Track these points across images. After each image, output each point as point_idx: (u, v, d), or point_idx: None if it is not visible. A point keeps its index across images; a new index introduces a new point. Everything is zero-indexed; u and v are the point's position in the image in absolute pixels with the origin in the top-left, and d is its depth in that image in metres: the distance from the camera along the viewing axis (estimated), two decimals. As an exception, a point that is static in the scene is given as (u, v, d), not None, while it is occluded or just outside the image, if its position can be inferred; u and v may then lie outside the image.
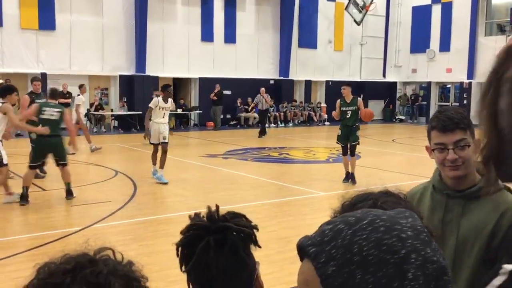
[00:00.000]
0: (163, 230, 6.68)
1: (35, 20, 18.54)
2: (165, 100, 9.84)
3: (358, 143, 10.03)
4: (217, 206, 1.33)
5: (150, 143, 9.85)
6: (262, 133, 18.36)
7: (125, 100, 20.43)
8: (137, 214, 7.49)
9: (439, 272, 0.66)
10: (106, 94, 20.87)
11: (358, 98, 10.14)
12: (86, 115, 19.64)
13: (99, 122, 19.76)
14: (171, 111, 10.60)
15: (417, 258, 0.65)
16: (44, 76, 18.82)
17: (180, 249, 1.29)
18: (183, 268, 1.29)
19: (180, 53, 21.67)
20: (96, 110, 19.52)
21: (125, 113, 20.20)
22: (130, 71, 20.72)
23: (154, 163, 9.72)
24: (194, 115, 22.25)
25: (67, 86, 17.81)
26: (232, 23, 22.90)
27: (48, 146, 7.91)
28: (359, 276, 0.64)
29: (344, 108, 10.02)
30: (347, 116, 9.95)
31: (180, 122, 21.49)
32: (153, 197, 8.75)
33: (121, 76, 20.60)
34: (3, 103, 7.53)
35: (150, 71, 20.83)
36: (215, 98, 20.55)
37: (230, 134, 17.53)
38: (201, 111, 21.74)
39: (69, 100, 18.00)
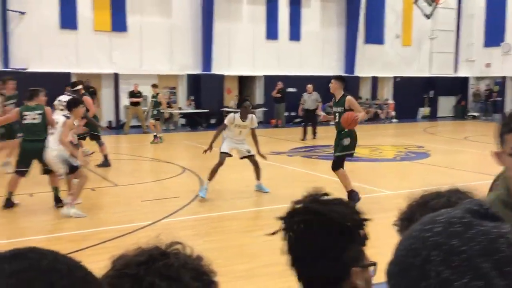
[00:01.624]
0: (228, 227, 6.78)
1: (108, 22, 19.35)
2: (243, 117, 8.47)
3: (344, 155, 7.73)
4: (320, 190, 1.31)
5: (220, 152, 8.53)
6: (311, 134, 16.74)
7: (193, 98, 20.91)
8: (203, 210, 7.64)
9: None
10: (174, 93, 21.44)
11: (348, 96, 7.80)
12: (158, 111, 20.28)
13: (167, 120, 20.33)
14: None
15: None
16: (116, 76, 19.63)
17: (288, 233, 1.28)
18: (289, 253, 1.28)
19: (245, 51, 21.87)
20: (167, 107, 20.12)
21: (192, 111, 20.67)
22: (197, 70, 21.16)
23: (210, 178, 8.37)
24: (259, 113, 22.40)
25: (138, 86, 18.46)
26: (297, 21, 22.82)
27: (32, 152, 7.56)
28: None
29: (334, 109, 8.08)
30: (336, 120, 7.88)
31: (245, 120, 21.71)
32: (218, 194, 8.88)
33: (188, 75, 21.10)
34: (68, 117, 7.44)
35: (216, 69, 21.17)
36: (278, 95, 20.56)
37: (296, 132, 17.47)
38: (266, 109, 21.83)
39: (140, 99, 18.66)
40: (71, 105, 7.64)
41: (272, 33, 22.34)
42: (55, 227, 6.70)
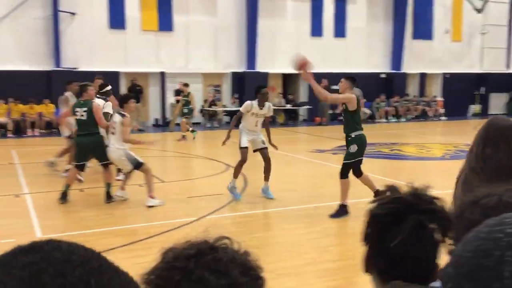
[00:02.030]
0: (272, 224, 6.80)
1: (155, 22, 19.73)
2: (261, 105, 8.09)
3: (351, 163, 6.96)
4: (426, 186, 1.29)
5: (240, 148, 8.11)
6: None
7: (237, 96, 21.05)
8: (247, 207, 7.69)
9: None
10: (218, 91, 21.65)
11: (354, 95, 7.02)
12: (201, 110, 20.55)
13: (212, 118, 20.55)
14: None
15: None
16: (162, 74, 20.00)
17: (373, 220, 1.26)
18: (369, 242, 1.26)
19: (289, 48, 21.79)
20: (209, 106, 20.33)
21: (236, 108, 20.78)
22: (241, 68, 21.28)
23: (236, 176, 8.04)
24: (303, 111, 22.31)
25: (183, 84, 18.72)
26: (342, 17, 22.57)
27: (86, 146, 7.81)
28: None
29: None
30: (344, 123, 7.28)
31: (289, 117, 21.67)
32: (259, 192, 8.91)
33: (233, 73, 21.25)
34: (123, 115, 7.62)
35: (260, 67, 21.23)
36: (323, 93, 20.37)
37: (340, 130, 17.32)
38: (311, 107, 21.72)
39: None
40: (122, 101, 7.86)
41: (316, 29, 22.19)
42: (105, 222, 6.90)
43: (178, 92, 18.70)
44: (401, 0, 23.16)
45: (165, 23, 19.85)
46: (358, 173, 7.06)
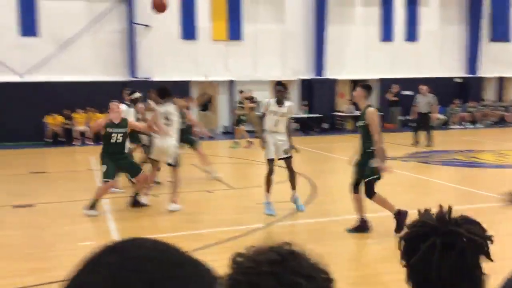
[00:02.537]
0: (339, 232, 6.70)
1: (224, 31, 20.14)
2: (279, 103, 7.55)
3: (375, 180, 6.40)
4: (450, 208, 1.29)
5: (268, 160, 7.71)
6: (425, 140, 15.45)
7: (305, 103, 21.01)
8: (315, 215, 7.63)
9: None
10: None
11: (370, 108, 6.39)
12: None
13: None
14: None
15: None
16: (232, 83, 20.35)
17: (402, 242, 1.30)
18: (403, 262, 1.30)
19: (358, 54, 21.52)
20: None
21: (305, 115, 20.77)
22: (310, 74, 21.23)
23: (267, 190, 7.60)
24: (373, 117, 21.89)
25: (252, 92, 18.95)
26: (413, 20, 21.97)
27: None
28: None
29: (357, 123, 6.83)
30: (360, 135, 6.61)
31: (358, 124, 21.34)
32: (332, 199, 8.82)
33: (301, 80, 21.25)
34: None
35: (329, 74, 21.08)
36: (394, 99, 19.88)
37: (411, 136, 16.78)
38: (382, 113, 21.23)
39: (254, 105, 19.13)
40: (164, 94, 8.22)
41: (386, 34, 21.73)
42: (177, 226, 7.09)
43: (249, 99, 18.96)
44: (476, 2, 22.22)
45: (235, 33, 20.21)
46: (372, 193, 6.43)
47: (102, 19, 18.72)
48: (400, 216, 6.33)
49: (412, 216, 1.36)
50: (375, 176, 6.34)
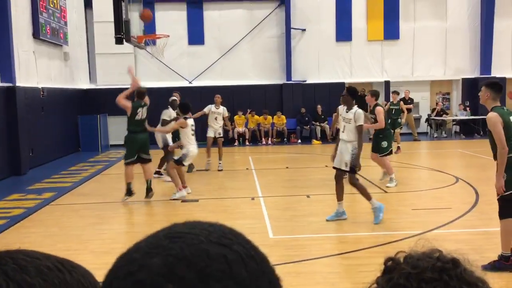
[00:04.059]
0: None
1: (380, 31, 19.72)
2: (348, 108, 7.27)
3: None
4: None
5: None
6: None
7: (468, 104, 19.63)
8: (478, 224, 7.14)
9: None
10: (447, 99, 20.50)
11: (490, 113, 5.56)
12: (427, 120, 19.75)
13: (439, 127, 19.56)
14: None
15: None
16: (387, 84, 19.83)
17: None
18: None
19: (533, 50, 19.46)
20: (438, 115, 19.38)
21: (467, 117, 19.40)
22: (474, 73, 19.79)
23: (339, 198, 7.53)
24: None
25: (409, 93, 18.28)
26: None
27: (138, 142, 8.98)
28: None
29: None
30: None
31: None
32: (497, 208, 8.15)
33: (463, 80, 19.90)
34: (186, 118, 9.28)
35: (496, 72, 19.41)
36: None
37: None
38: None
39: (411, 106, 18.46)
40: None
41: None
42: (329, 228, 7.16)
43: (404, 101, 18.30)
44: None
45: (391, 32, 19.68)
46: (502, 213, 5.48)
47: (261, 25, 19.60)
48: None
49: None
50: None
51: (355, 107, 7.16)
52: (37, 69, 14.37)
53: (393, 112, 14.72)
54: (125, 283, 0.57)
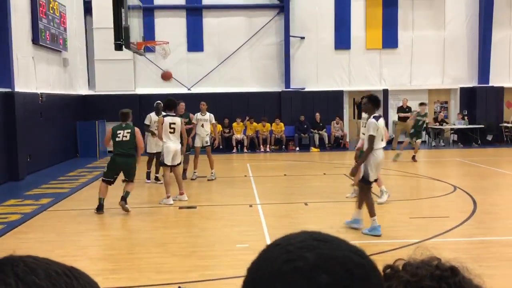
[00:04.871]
0: (508, 253, 6.17)
1: (379, 40, 19.79)
2: (367, 114, 7.60)
3: None
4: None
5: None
6: None
7: (465, 113, 19.68)
8: (476, 233, 7.14)
9: None
10: (445, 108, 20.56)
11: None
12: (425, 129, 19.76)
13: (437, 136, 19.59)
14: None
15: None
16: (386, 92, 19.87)
17: None
18: None
19: (530, 59, 19.55)
20: (437, 124, 19.41)
21: (465, 126, 19.45)
22: (472, 82, 19.86)
23: (360, 206, 7.35)
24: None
25: (407, 101, 18.32)
26: None
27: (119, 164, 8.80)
28: None
29: None
30: None
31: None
32: (494, 217, 8.16)
33: (461, 89, 19.96)
34: (166, 115, 9.48)
35: (494, 81, 19.48)
36: None
37: None
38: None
39: (409, 114, 18.46)
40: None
41: None
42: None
43: (401, 109, 18.34)
44: None
45: (390, 40, 19.76)
46: None
47: (259, 33, 19.66)
48: None
49: None
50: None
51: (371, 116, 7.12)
52: (36, 75, 14.37)
53: (419, 123, 14.65)
54: (285, 267, 0.68)
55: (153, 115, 11.75)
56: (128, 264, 6.03)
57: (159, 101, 11.60)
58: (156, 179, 11.63)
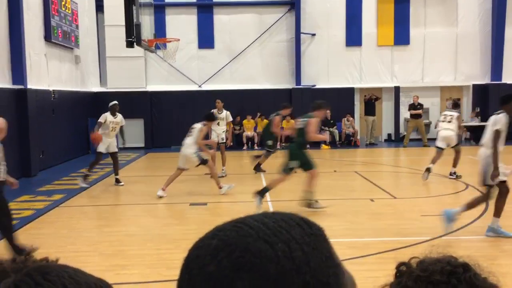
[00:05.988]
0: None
1: (390, 36, 19.68)
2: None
3: None
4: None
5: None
6: None
7: (478, 110, 19.51)
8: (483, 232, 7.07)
9: None
10: (458, 105, 20.36)
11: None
12: (435, 126, 19.60)
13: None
14: None
15: None
16: (397, 89, 19.76)
17: None
18: None
19: (545, 56, 19.31)
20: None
21: (477, 124, 19.27)
22: (485, 79, 19.68)
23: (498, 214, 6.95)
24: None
25: (418, 98, 18.21)
26: None
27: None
28: None
29: None
30: None
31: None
32: (506, 215, 8.06)
33: (474, 86, 19.79)
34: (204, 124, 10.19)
35: (507, 78, 19.29)
36: None
37: None
38: None
39: (420, 112, 18.38)
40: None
41: None
42: (340, 233, 7.14)
43: (412, 106, 18.25)
44: None
45: (402, 37, 19.63)
46: None
47: (270, 30, 19.63)
48: None
49: None
50: None
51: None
52: (48, 72, 14.48)
53: None
54: (196, 252, 0.71)
55: (108, 115, 11.34)
56: (139, 260, 6.07)
57: (115, 102, 11.55)
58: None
